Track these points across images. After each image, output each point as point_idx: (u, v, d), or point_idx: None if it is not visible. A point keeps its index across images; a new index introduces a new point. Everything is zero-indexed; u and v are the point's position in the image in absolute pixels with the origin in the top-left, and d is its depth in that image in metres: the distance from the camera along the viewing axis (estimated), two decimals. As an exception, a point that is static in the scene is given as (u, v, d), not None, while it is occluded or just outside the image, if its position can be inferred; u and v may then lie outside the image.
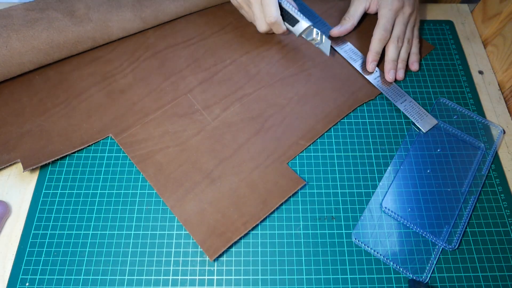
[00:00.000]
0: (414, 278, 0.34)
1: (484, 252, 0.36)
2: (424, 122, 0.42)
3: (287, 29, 0.44)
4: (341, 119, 0.42)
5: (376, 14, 0.46)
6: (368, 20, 0.49)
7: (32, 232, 0.36)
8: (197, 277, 0.34)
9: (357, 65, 0.45)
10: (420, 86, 0.45)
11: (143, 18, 0.45)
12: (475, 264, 0.35)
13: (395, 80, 0.45)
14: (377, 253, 0.35)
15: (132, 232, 0.36)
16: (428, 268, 0.35)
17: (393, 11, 0.43)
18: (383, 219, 0.37)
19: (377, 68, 0.45)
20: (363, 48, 0.47)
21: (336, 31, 0.47)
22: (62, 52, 0.43)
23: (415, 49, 0.46)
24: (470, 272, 0.35)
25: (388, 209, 0.37)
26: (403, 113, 0.43)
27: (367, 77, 0.45)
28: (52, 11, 0.42)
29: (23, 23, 0.40)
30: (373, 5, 0.46)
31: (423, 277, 0.34)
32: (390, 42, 0.44)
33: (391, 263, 0.35)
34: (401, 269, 0.35)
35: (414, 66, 0.46)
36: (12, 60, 0.40)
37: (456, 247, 0.35)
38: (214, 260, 0.35)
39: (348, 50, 0.47)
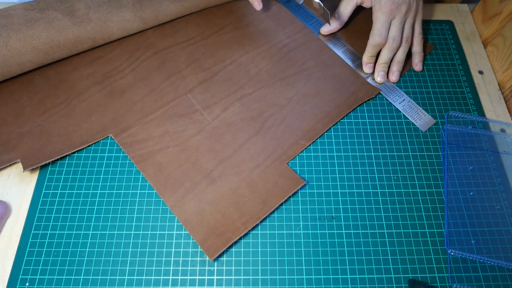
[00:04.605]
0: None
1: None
2: (423, 122, 0.42)
3: None
4: (341, 119, 0.42)
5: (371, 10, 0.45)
6: (366, 19, 0.49)
7: (32, 232, 0.36)
8: (197, 277, 0.34)
9: (355, 66, 0.45)
10: (420, 86, 0.45)
11: (143, 19, 0.45)
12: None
13: (392, 82, 0.45)
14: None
15: (132, 232, 0.36)
16: None
17: (386, 13, 0.42)
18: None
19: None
20: (362, 49, 0.47)
21: (325, 29, 0.47)
22: (62, 52, 0.43)
23: (417, 47, 0.45)
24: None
25: (456, 251, 0.35)
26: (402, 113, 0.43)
27: (366, 77, 0.45)
28: (52, 11, 0.42)
29: (23, 22, 0.40)
30: (367, 1, 0.44)
31: None
32: (385, 44, 0.43)
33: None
34: None
35: (418, 67, 0.46)
36: (12, 60, 0.40)
37: None
38: (214, 260, 0.35)
39: (345, 51, 0.47)
